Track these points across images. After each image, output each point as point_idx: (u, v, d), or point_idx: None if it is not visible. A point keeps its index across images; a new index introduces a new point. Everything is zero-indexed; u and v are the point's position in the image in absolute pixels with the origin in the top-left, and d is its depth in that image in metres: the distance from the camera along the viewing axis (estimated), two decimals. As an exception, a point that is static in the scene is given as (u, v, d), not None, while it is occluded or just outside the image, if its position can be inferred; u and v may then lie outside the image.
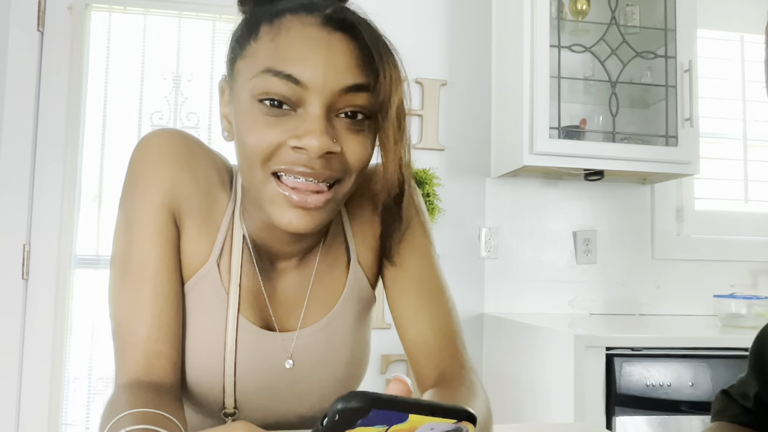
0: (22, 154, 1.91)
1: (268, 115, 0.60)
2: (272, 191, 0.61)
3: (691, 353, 1.55)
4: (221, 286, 0.71)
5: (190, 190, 0.70)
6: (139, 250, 0.67)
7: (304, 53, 0.59)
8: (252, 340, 0.71)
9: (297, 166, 0.60)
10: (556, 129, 1.91)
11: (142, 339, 0.65)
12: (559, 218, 2.17)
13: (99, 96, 2.00)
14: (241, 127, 0.62)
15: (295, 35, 0.60)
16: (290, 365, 0.73)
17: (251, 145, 0.61)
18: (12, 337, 1.88)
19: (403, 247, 0.77)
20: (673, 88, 1.97)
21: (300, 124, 0.59)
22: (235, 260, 0.71)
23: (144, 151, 0.70)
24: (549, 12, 1.88)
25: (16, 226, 1.90)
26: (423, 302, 0.76)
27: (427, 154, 2.10)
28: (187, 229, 0.70)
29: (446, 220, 2.09)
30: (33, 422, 1.87)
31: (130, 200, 0.69)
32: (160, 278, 0.67)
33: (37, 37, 1.95)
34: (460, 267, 2.09)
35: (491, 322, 2.04)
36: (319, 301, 0.76)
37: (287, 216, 0.61)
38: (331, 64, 0.59)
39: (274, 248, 0.72)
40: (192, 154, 0.71)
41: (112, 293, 0.68)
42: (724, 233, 2.26)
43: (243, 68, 0.63)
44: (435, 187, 2.05)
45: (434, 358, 0.73)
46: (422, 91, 2.11)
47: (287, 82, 0.59)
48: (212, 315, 0.70)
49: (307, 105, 0.60)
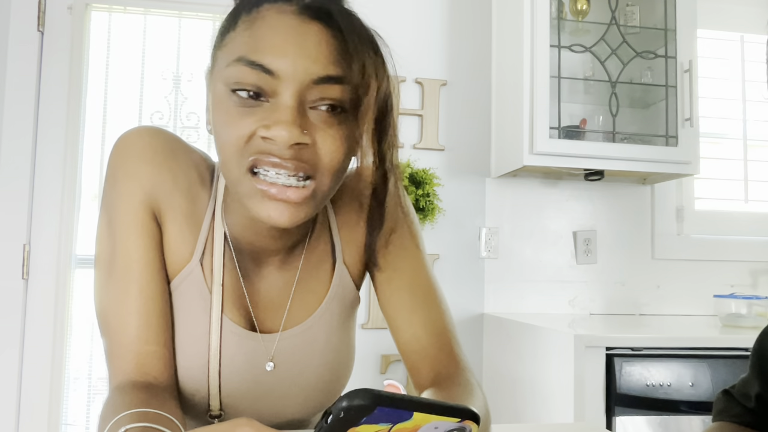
0: (22, 154, 1.91)
1: (241, 106, 0.59)
2: (250, 187, 0.60)
3: (691, 353, 1.55)
4: (205, 286, 0.70)
5: (170, 189, 0.68)
6: (123, 249, 0.66)
7: (275, 42, 0.58)
8: (236, 341, 0.70)
9: (268, 156, 0.58)
10: (556, 129, 1.91)
11: (133, 340, 0.65)
12: (559, 218, 2.17)
13: (99, 96, 2.00)
14: (217, 119, 0.61)
15: (269, 24, 0.59)
16: (271, 368, 0.71)
17: (225, 137, 0.60)
18: (12, 337, 1.87)
19: (391, 251, 0.76)
20: (673, 88, 1.97)
21: (270, 114, 0.58)
22: (216, 259, 0.70)
23: (123, 149, 0.68)
24: (549, 12, 1.88)
25: (16, 226, 1.90)
26: (416, 305, 0.75)
27: (427, 154, 2.10)
28: (168, 227, 0.69)
29: (446, 220, 2.09)
30: (33, 422, 1.87)
31: (110, 199, 0.68)
32: (146, 278, 0.66)
33: (37, 37, 1.94)
34: (460, 267, 2.09)
35: (491, 322, 2.04)
36: (303, 302, 0.74)
37: (266, 210, 0.60)
38: (303, 54, 0.58)
39: (258, 246, 0.71)
40: (171, 151, 0.69)
41: (99, 294, 0.68)
42: (724, 233, 2.26)
43: (220, 58, 0.62)
44: (435, 187, 2.05)
45: (430, 359, 0.73)
46: (422, 91, 2.11)
47: (258, 72, 0.58)
48: (196, 315, 0.70)
49: (279, 95, 0.58)
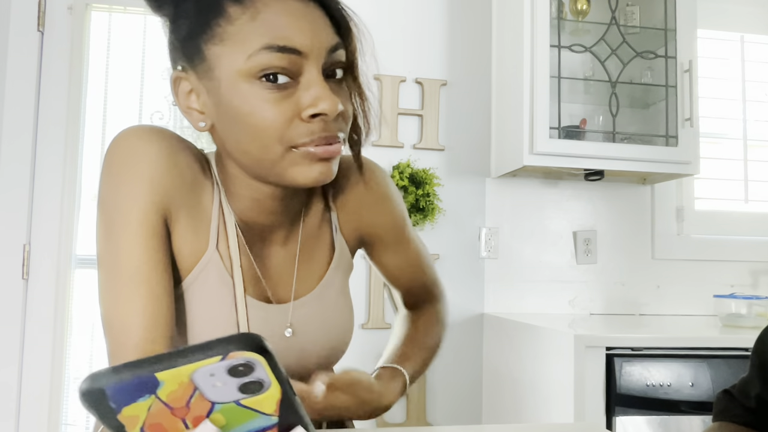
0: (22, 154, 1.91)
1: (273, 91, 0.62)
2: (293, 157, 0.64)
3: (691, 353, 1.55)
4: (225, 271, 0.72)
5: (178, 185, 0.69)
6: (130, 252, 0.66)
7: (295, 25, 0.63)
8: (260, 315, 0.74)
9: (319, 134, 0.64)
10: (556, 129, 1.91)
11: (138, 340, 0.65)
12: (559, 218, 2.17)
13: (99, 96, 2.00)
14: (245, 111, 0.63)
15: (279, 10, 0.63)
16: (290, 334, 0.76)
17: (264, 124, 0.63)
18: (12, 337, 1.87)
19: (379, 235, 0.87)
20: (673, 88, 1.97)
21: (306, 92, 0.63)
22: (232, 243, 0.73)
23: (124, 149, 0.68)
24: (549, 12, 1.88)
25: (16, 226, 1.90)
26: (401, 269, 0.91)
27: (427, 154, 2.10)
28: (180, 223, 0.70)
29: (446, 220, 2.09)
30: (33, 422, 1.87)
31: (113, 202, 0.67)
32: (155, 278, 0.67)
33: (37, 37, 1.94)
34: (460, 267, 2.09)
35: (491, 322, 2.04)
36: (310, 272, 0.79)
37: (314, 171, 0.65)
38: (317, 30, 0.64)
39: (262, 224, 0.75)
40: (171, 147, 0.69)
41: (104, 297, 0.68)
42: (724, 233, 2.26)
43: (225, 53, 0.63)
44: (435, 187, 2.05)
45: (412, 295, 0.95)
46: (422, 91, 2.11)
47: (289, 55, 0.62)
48: (221, 300, 0.72)
49: (304, 72, 0.63)
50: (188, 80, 0.67)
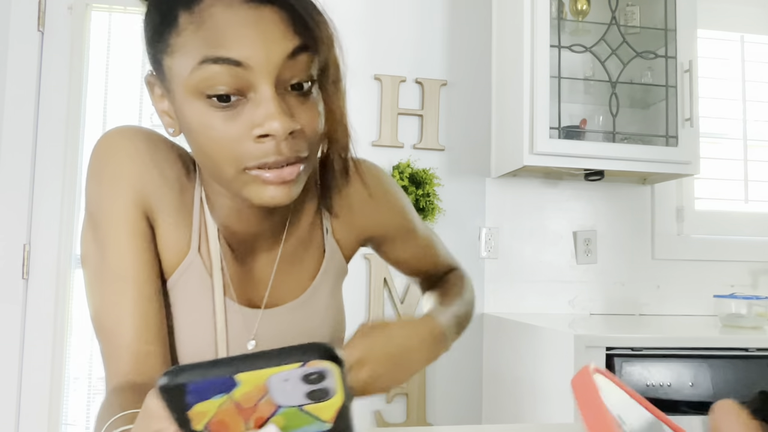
0: (23, 154, 1.91)
1: (221, 110, 0.57)
2: (245, 179, 0.60)
3: (691, 353, 1.55)
4: (206, 274, 0.71)
5: (160, 184, 0.68)
6: (116, 252, 0.66)
7: (237, 34, 0.56)
8: (240, 319, 0.72)
9: (267, 158, 0.58)
10: (556, 129, 1.91)
11: (131, 341, 0.65)
12: (559, 218, 2.17)
13: (99, 96, 2.00)
14: (194, 128, 0.59)
15: (222, 19, 0.56)
16: (253, 345, 0.73)
17: (213, 146, 0.58)
18: (12, 337, 1.87)
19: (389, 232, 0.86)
20: (673, 88, 1.96)
21: (255, 111, 0.57)
22: (213, 245, 0.71)
23: (106, 149, 0.68)
24: (549, 12, 1.88)
25: (16, 226, 1.90)
26: (416, 258, 0.91)
27: (427, 154, 2.10)
28: (162, 223, 0.69)
29: (446, 220, 2.09)
30: (33, 422, 1.87)
31: (98, 201, 0.67)
32: (142, 278, 0.66)
33: (37, 37, 1.94)
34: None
35: (491, 322, 2.04)
36: (295, 278, 0.77)
37: (268, 193, 0.60)
38: (267, 38, 0.56)
39: (242, 231, 0.72)
40: (155, 147, 0.69)
41: (93, 298, 0.67)
42: (724, 233, 2.26)
43: (174, 65, 0.58)
44: (435, 187, 2.05)
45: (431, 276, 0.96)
46: (422, 91, 2.11)
47: (229, 67, 0.55)
48: (201, 303, 0.71)
49: (255, 88, 0.57)
50: (156, 85, 0.65)
